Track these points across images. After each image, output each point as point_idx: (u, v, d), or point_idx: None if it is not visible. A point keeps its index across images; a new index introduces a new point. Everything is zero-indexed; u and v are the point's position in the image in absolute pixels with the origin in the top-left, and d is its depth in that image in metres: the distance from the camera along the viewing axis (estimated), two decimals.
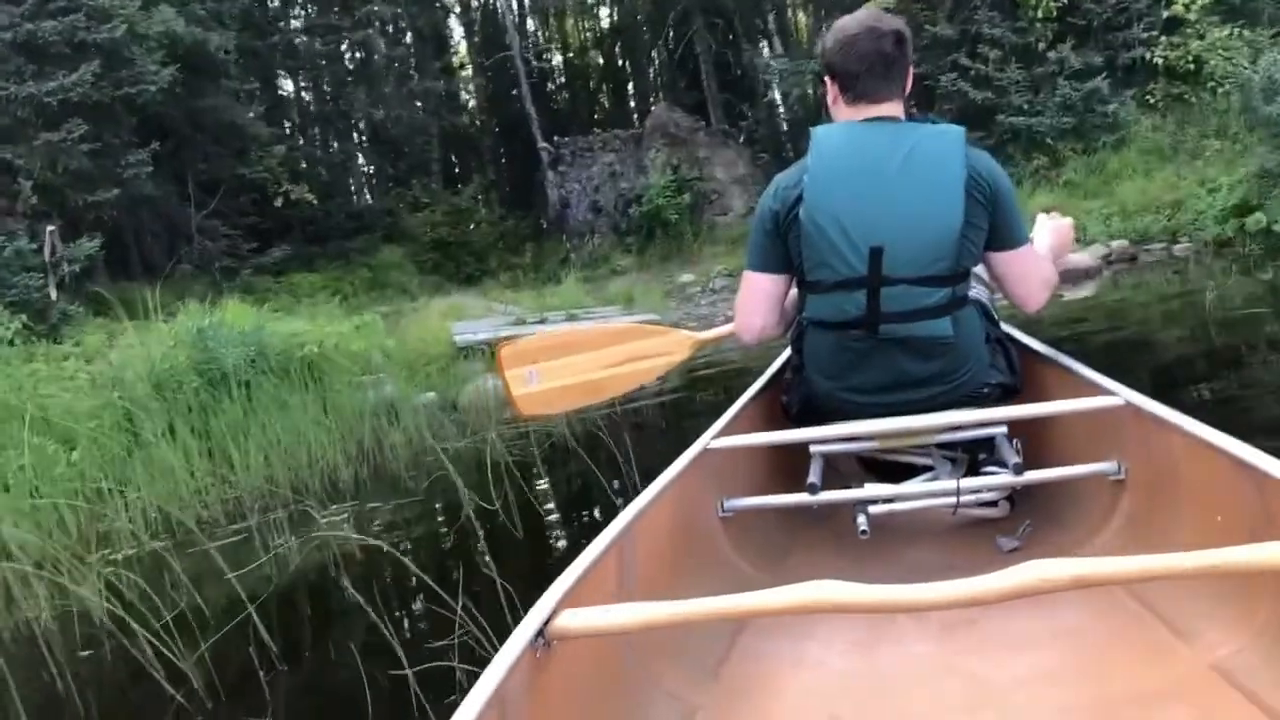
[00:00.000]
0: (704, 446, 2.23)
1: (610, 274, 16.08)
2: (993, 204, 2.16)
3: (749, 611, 1.39)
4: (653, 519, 1.87)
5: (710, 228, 16.50)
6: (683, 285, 13.81)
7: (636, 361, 2.94)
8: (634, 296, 12.15)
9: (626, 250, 16.69)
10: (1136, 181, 12.64)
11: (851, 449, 2.35)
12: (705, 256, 15.45)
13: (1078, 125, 13.89)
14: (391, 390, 8.49)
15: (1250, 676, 1.44)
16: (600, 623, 1.36)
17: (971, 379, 2.26)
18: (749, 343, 2.49)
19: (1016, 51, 14.57)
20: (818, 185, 2.15)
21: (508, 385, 2.88)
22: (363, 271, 18.35)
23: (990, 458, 2.27)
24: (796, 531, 2.43)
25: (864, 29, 2.22)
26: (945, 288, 2.14)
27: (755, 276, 2.38)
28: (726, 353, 8.69)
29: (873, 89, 2.22)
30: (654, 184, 16.18)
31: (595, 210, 17.51)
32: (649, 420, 6.88)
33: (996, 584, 1.26)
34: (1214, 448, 1.67)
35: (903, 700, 1.67)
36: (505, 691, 1.20)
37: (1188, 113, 13.65)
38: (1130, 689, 1.54)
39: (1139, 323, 7.59)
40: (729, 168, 17.00)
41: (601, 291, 14.13)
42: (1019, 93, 14.21)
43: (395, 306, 14.72)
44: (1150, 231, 11.47)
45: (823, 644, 1.83)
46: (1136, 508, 2.04)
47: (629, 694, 1.59)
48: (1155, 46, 13.80)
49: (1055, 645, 1.72)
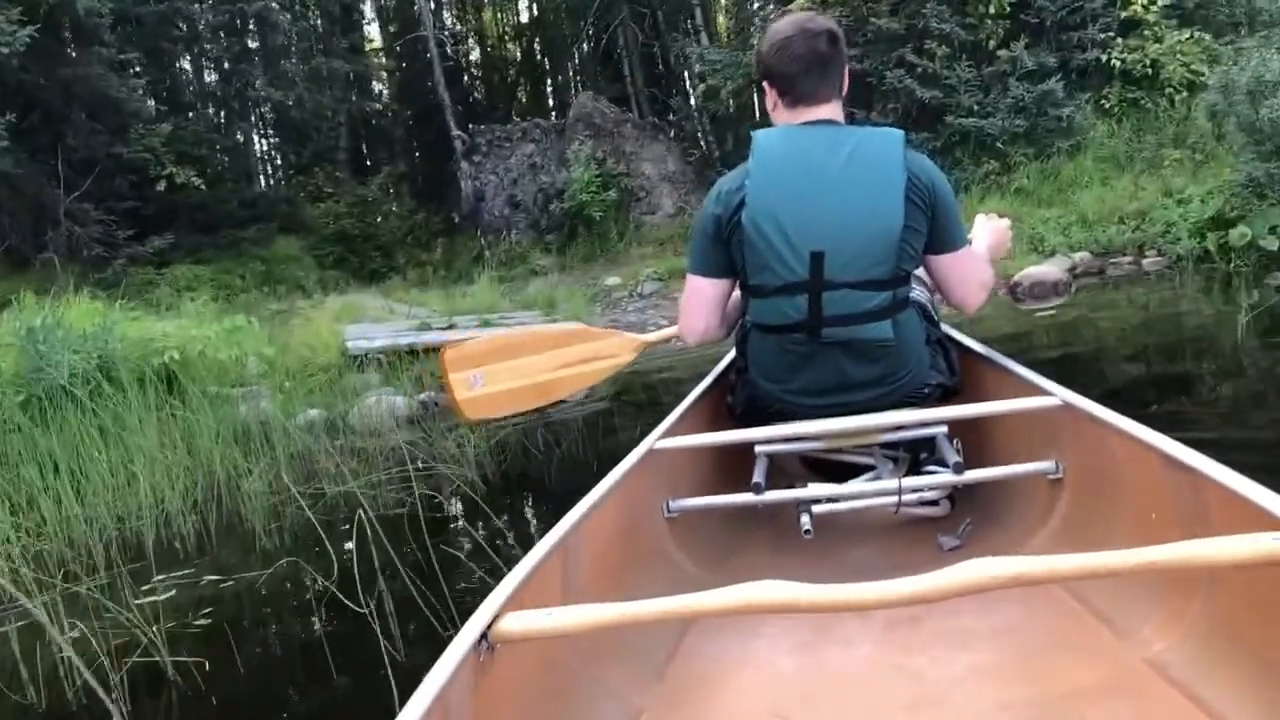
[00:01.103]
0: (650, 447, 2.24)
1: (528, 274, 14.82)
2: (932, 207, 2.18)
3: (694, 612, 1.40)
4: (599, 520, 1.88)
5: (637, 227, 15.33)
6: (608, 289, 12.62)
7: (583, 364, 2.96)
8: (555, 300, 10.91)
9: (546, 249, 15.42)
10: (1094, 190, 11.84)
11: (795, 449, 2.39)
12: (632, 258, 14.29)
13: (1030, 129, 13.07)
14: (267, 407, 7.17)
15: (1183, 671, 1.47)
16: (544, 625, 1.37)
17: (912, 380, 2.30)
18: (691, 344, 2.54)
19: (965, 49, 13.71)
20: (759, 190, 2.17)
21: (451, 389, 2.90)
22: (256, 265, 16.89)
23: (931, 457, 2.31)
24: (742, 531, 2.48)
25: (797, 30, 2.24)
26: (886, 291, 2.16)
27: (698, 280, 2.38)
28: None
29: (810, 90, 2.25)
30: (577, 178, 14.91)
31: (513, 205, 16.19)
32: (571, 452, 5.71)
33: (938, 582, 1.28)
34: (1149, 447, 1.71)
35: (847, 699, 1.68)
36: (448, 696, 1.20)
37: (1143, 119, 12.92)
38: (1068, 685, 1.56)
39: (1139, 347, 6.64)
40: (658, 163, 15.80)
41: (518, 293, 12.89)
42: (969, 93, 13.34)
43: (289, 304, 13.34)
44: (1114, 243, 10.64)
45: (768, 643, 1.85)
46: (1074, 506, 2.08)
47: (574, 696, 1.59)
48: (1112, 49, 13.03)
49: (995, 643, 1.74)
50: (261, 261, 17.05)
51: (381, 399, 7.36)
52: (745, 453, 2.34)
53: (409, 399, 7.69)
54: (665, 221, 15.36)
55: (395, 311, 10.99)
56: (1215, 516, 1.50)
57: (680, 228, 15.04)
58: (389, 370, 8.38)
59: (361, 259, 18.88)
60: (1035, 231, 11.35)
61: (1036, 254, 11.02)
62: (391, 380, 8.28)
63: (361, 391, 8.02)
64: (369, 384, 8.27)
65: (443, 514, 4.55)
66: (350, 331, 8.96)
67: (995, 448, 2.46)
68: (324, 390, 7.99)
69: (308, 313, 9.85)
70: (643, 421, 2.96)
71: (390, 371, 8.36)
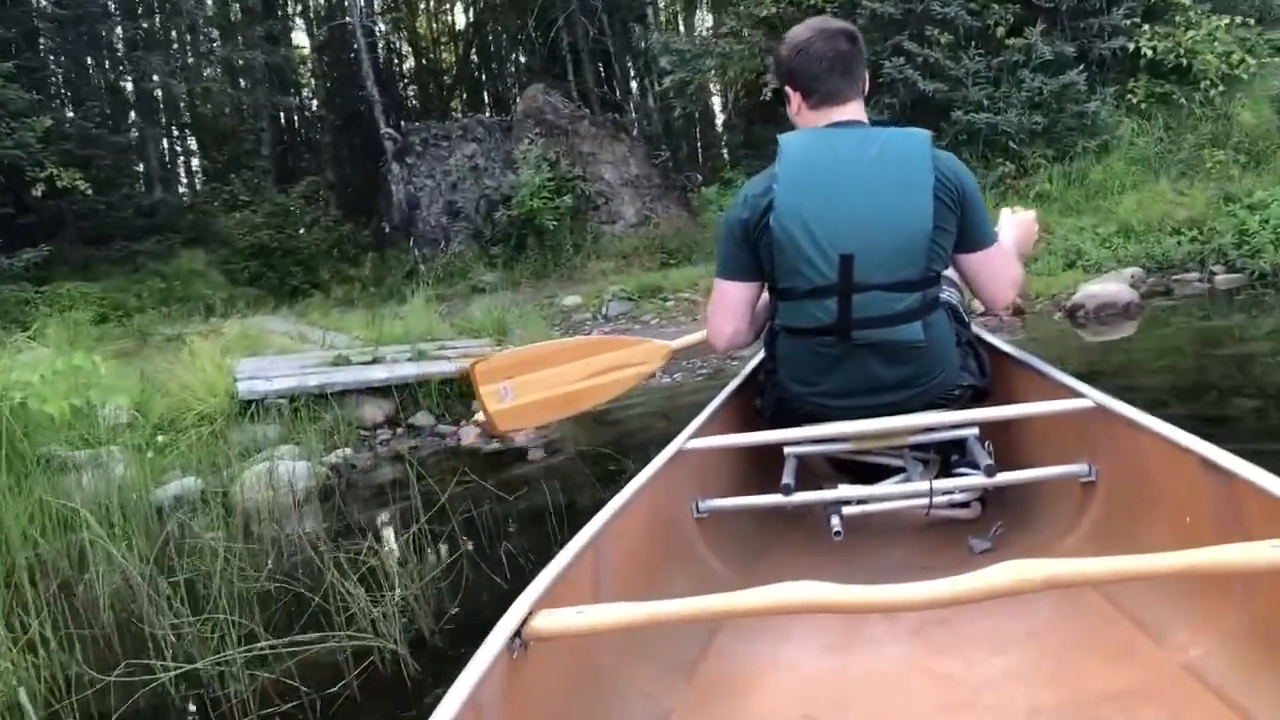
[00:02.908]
0: (679, 447, 2.25)
1: (470, 292, 12.79)
2: (960, 206, 2.19)
3: (724, 612, 1.39)
4: (628, 520, 1.88)
5: (596, 238, 13.37)
6: (567, 310, 10.67)
7: (611, 372, 2.98)
8: (507, 323, 8.90)
9: (491, 263, 13.40)
10: (1131, 196, 10.21)
11: (825, 450, 2.39)
12: (592, 274, 12.35)
13: (1049, 126, 11.41)
14: (123, 473, 5.16)
15: (1220, 676, 1.46)
16: (576, 624, 1.36)
17: (943, 381, 2.30)
18: (720, 350, 2.57)
19: (972, 36, 12.04)
20: (786, 194, 2.17)
21: (483, 401, 2.90)
22: (154, 282, 14.84)
23: (962, 459, 2.30)
24: (771, 532, 2.48)
25: (815, 32, 2.30)
26: (916, 292, 2.16)
27: (726, 285, 2.40)
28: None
29: (834, 89, 2.28)
30: (526, 182, 12.90)
31: (452, 213, 14.11)
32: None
33: (972, 584, 1.28)
34: (1184, 449, 1.70)
35: (877, 701, 1.67)
36: (481, 694, 1.20)
37: (1175, 116, 11.35)
38: (1101, 689, 1.55)
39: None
40: (619, 166, 13.82)
41: (459, 313, 10.88)
42: (977, 85, 11.65)
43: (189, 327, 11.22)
44: (1172, 256, 8.97)
45: (797, 645, 1.84)
46: (1107, 509, 2.07)
47: (604, 695, 1.59)
48: (1139, 36, 11.43)
49: (1027, 646, 1.73)
50: (161, 278, 15.05)
51: (275, 465, 5.35)
52: (774, 454, 2.32)
53: (315, 463, 5.68)
54: (628, 232, 13.43)
55: (309, 339, 8.93)
56: (1252, 520, 1.48)
57: (644, 240, 13.13)
58: (292, 421, 6.36)
59: (281, 275, 17.16)
60: (1070, 243, 9.68)
61: (1075, 269, 9.33)
62: (296, 433, 6.27)
63: (254, 451, 6.00)
64: (266, 439, 6.24)
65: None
66: (245, 368, 6.91)
67: (1027, 450, 2.44)
68: (205, 447, 5.96)
69: (197, 341, 7.76)
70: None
71: (294, 423, 6.34)
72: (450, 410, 6.80)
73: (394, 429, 6.71)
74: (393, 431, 6.68)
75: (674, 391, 7.14)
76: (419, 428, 6.68)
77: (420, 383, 6.80)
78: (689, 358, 7.46)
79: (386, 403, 6.82)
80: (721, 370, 7.21)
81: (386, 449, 6.47)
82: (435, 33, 27.15)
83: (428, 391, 6.79)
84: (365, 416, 6.73)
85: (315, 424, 6.37)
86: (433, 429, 6.64)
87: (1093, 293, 7.69)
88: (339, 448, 6.28)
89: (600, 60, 18.70)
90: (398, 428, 6.73)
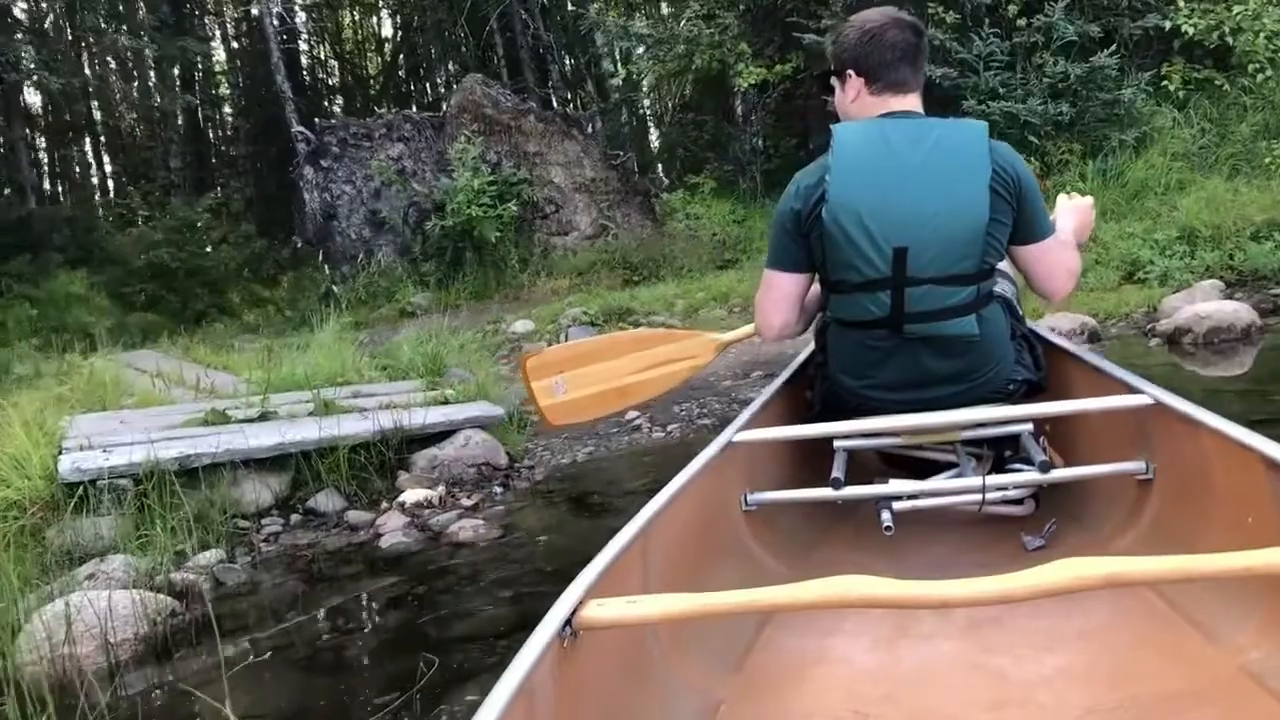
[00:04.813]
0: (729, 440, 2.24)
1: (398, 316, 10.81)
2: (1017, 198, 2.19)
3: (775, 605, 1.41)
4: (677, 512, 1.87)
5: (546, 252, 11.40)
6: (517, 337, 8.75)
7: (662, 366, 2.96)
8: (442, 358, 6.89)
9: (422, 282, 11.36)
10: (1188, 196, 8.62)
11: (875, 445, 2.39)
12: (543, 293, 10.41)
13: (1077, 116, 9.79)
14: None
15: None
16: (627, 614, 1.36)
17: (996, 376, 2.29)
18: (769, 340, 2.66)
19: (980, 15, 10.41)
20: (840, 185, 2.16)
21: (535, 397, 2.92)
22: (22, 308, 12.68)
23: (1015, 455, 2.28)
24: (820, 526, 2.47)
25: (888, 19, 2.31)
26: (970, 286, 2.17)
27: (776, 275, 2.39)
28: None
29: (902, 78, 2.29)
30: (463, 187, 10.88)
31: (375, 224, 12.02)
32: None
33: (1027, 582, 1.26)
34: (1246, 447, 1.67)
35: (927, 697, 1.65)
36: (533, 681, 1.19)
37: (1219, 104, 9.82)
38: (1157, 690, 1.53)
39: None
40: (571, 169, 11.81)
41: (384, 341, 8.95)
42: (992, 70, 10.00)
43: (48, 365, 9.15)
44: (1265, 266, 7.36)
45: (847, 639, 1.84)
46: (1164, 507, 2.04)
47: (653, 685, 1.58)
48: (1174, 14, 9.87)
49: (1081, 645, 1.71)
50: (31, 303, 12.93)
51: (87, 601, 3.37)
52: (824, 448, 2.32)
53: (156, 586, 3.71)
54: (583, 245, 11.48)
55: (187, 383, 6.89)
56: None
57: (602, 253, 11.21)
58: (138, 511, 4.35)
59: (184, 298, 15.57)
60: (1125, 252, 8.05)
61: (1141, 283, 7.69)
62: (141, 530, 4.27)
63: (77, 562, 4.02)
64: (99, 540, 4.24)
65: None
66: (78, 432, 4.90)
67: (1082, 446, 2.42)
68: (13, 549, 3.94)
69: (16, 394, 5.70)
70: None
71: (141, 514, 4.34)
72: (366, 488, 4.85)
73: (286, 516, 4.74)
74: (284, 521, 4.70)
75: (653, 450, 5.30)
76: (321, 515, 4.71)
77: (324, 451, 4.82)
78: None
79: (276, 478, 4.83)
80: (726, 418, 5.40)
81: (274, 547, 4.49)
82: (361, 39, 25.84)
83: (334, 463, 4.82)
84: (245, 499, 4.71)
85: (174, 513, 4.37)
86: (340, 516, 4.68)
87: (1200, 313, 6.00)
88: (204, 548, 4.28)
89: (543, 59, 16.84)
90: (292, 514, 4.77)
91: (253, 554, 4.40)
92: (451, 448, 5.00)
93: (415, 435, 4.99)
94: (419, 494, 4.68)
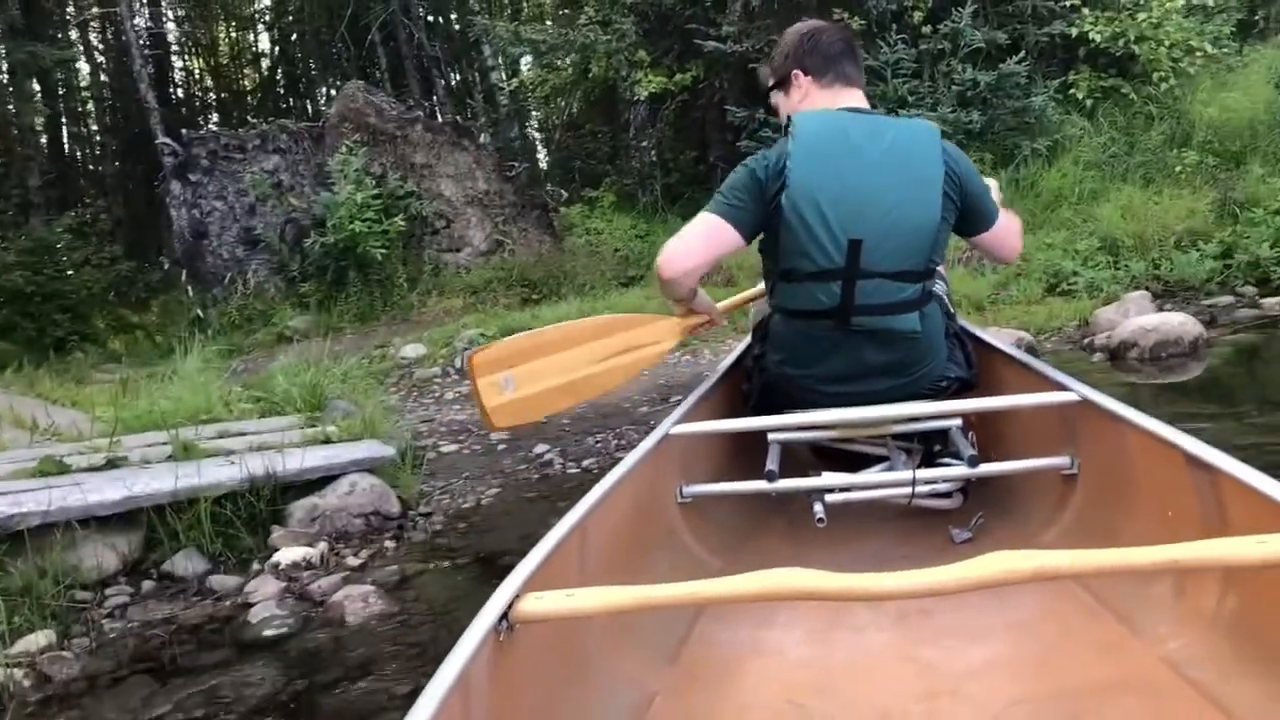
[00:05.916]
0: (665, 432, 2.24)
1: (275, 342, 9.93)
2: (964, 196, 2.28)
3: (711, 598, 1.38)
4: (614, 504, 1.86)
5: (437, 270, 10.64)
6: (408, 362, 8.02)
7: (622, 355, 2.85)
8: (323, 389, 6.12)
9: (301, 304, 10.49)
10: (1107, 207, 8.39)
11: (809, 438, 2.41)
12: (434, 314, 9.66)
13: (987, 125, 9.55)
14: None
15: (1199, 669, 1.46)
16: (563, 607, 1.35)
17: (931, 372, 2.36)
18: (669, 278, 2.41)
19: (885, 20, 10.11)
20: (801, 169, 2.17)
21: (480, 396, 2.72)
22: None
23: (945, 450, 2.33)
24: (754, 519, 2.48)
25: (819, 24, 2.50)
26: (917, 283, 2.23)
27: (718, 221, 2.30)
28: None
29: (847, 73, 2.39)
30: (344, 201, 10.06)
31: (248, 242, 11.06)
32: None
33: (958, 574, 1.26)
34: (1167, 443, 1.70)
35: (859, 688, 1.66)
36: (469, 675, 1.18)
37: (1126, 112, 9.69)
38: (1082, 680, 1.56)
39: None
40: (462, 181, 11.05)
41: (260, 369, 8.13)
42: (900, 78, 9.69)
43: None
44: (1193, 277, 7.11)
45: (780, 631, 1.84)
46: (1088, 502, 2.07)
47: (589, 678, 1.58)
48: (1080, 21, 9.72)
49: (1009, 636, 1.74)
50: None
51: None
52: (759, 441, 2.32)
53: None
54: (477, 262, 10.75)
55: (23, 423, 5.97)
56: (1235, 515, 1.48)
57: (498, 271, 10.51)
58: None
59: (41, 325, 14.27)
60: (1048, 262, 7.76)
61: (1065, 295, 7.39)
62: None
63: None
64: None
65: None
66: None
67: (1010, 442, 2.46)
68: None
69: None
70: None
71: None
72: (233, 547, 4.10)
73: (137, 584, 3.95)
74: (133, 590, 3.92)
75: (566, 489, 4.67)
76: (179, 580, 3.95)
77: (182, 504, 4.06)
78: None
79: (124, 538, 4.02)
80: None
81: (119, 624, 3.70)
82: (236, 53, 24.81)
83: (195, 517, 4.06)
84: (85, 565, 3.90)
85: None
86: (202, 582, 3.92)
87: (1147, 326, 5.65)
88: (29, 630, 3.49)
89: (428, 71, 16.10)
90: (144, 580, 3.98)
91: (92, 634, 3.62)
92: (334, 495, 4.28)
93: (291, 482, 4.25)
94: (296, 552, 3.95)
